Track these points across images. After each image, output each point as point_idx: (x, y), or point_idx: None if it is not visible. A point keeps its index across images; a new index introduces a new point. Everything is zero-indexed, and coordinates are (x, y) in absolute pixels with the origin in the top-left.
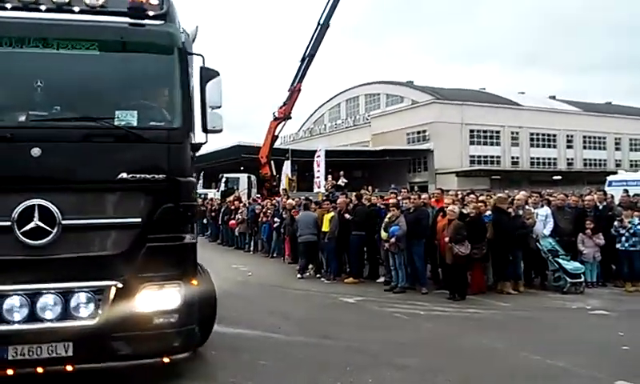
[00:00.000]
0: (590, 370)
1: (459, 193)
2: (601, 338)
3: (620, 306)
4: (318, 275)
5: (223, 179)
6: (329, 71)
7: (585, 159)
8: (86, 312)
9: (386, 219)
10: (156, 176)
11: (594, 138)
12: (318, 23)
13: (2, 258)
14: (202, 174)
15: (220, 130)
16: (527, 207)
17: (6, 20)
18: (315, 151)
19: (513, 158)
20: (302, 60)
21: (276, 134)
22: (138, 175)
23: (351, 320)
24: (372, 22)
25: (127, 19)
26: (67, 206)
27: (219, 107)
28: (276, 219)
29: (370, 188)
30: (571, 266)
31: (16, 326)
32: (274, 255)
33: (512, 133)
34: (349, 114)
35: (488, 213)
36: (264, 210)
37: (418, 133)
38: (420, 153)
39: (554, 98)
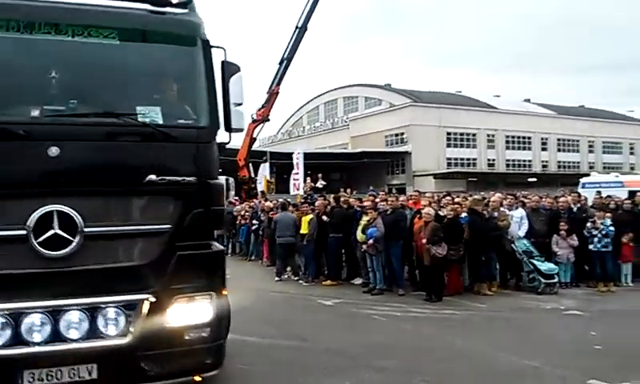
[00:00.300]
0: (564, 370)
1: (435, 195)
2: (574, 338)
3: (592, 306)
4: (296, 278)
5: None
6: (307, 74)
7: (559, 161)
8: (115, 329)
9: (363, 221)
10: (186, 179)
11: (568, 140)
12: (297, 26)
13: (17, 272)
14: None
15: (242, 130)
16: (502, 209)
17: (14, 1)
18: (294, 153)
19: (489, 160)
20: (281, 63)
21: (254, 136)
22: (167, 178)
23: (330, 322)
24: (350, 26)
25: (148, 6)
26: (89, 212)
27: (241, 104)
28: (254, 221)
29: (348, 190)
30: (545, 266)
31: (35, 349)
32: (252, 258)
33: (488, 135)
34: (327, 116)
35: (464, 214)
36: (242, 212)
37: (396, 135)
38: (398, 155)
39: (528, 101)
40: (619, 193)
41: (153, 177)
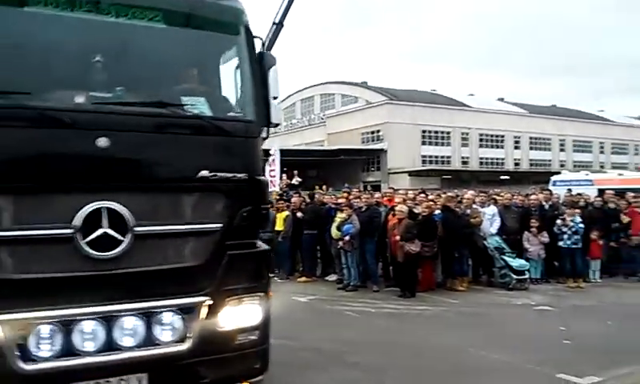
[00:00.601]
0: (534, 365)
1: (409, 192)
2: (544, 333)
3: (562, 301)
4: (271, 274)
5: None
6: (285, 71)
7: (531, 160)
8: (171, 335)
9: (339, 218)
10: (237, 175)
11: (540, 139)
12: (274, 22)
13: (66, 275)
14: None
15: (278, 124)
16: (475, 206)
17: None
18: (270, 150)
19: (463, 158)
20: None
21: None
22: (219, 173)
23: (304, 319)
24: (327, 22)
25: None
26: (139, 210)
27: (276, 98)
28: None
29: (324, 187)
30: (517, 263)
31: (88, 359)
32: None
33: (462, 134)
34: (304, 113)
35: (438, 211)
36: None
37: (372, 133)
38: (374, 152)
39: (502, 100)
40: (589, 191)
41: (205, 172)
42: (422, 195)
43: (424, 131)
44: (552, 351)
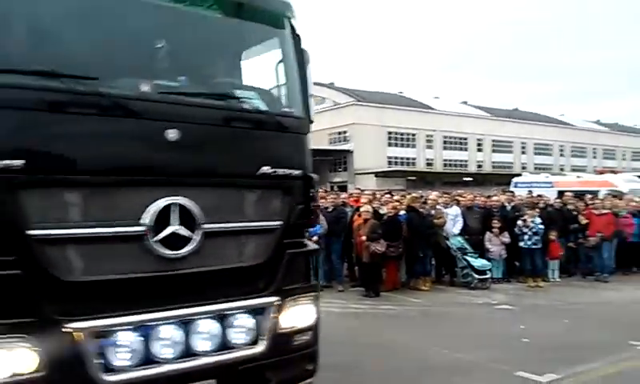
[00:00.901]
0: (494, 363)
1: (376, 193)
2: (504, 332)
3: (522, 300)
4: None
5: None
6: None
7: (493, 162)
8: (244, 338)
9: None
10: (294, 172)
11: (502, 142)
12: None
13: (139, 276)
14: None
15: (312, 122)
16: (438, 207)
17: None
18: None
19: (427, 159)
20: None
21: None
22: (279, 170)
23: None
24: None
25: None
26: (206, 206)
27: (311, 95)
28: None
29: None
30: (478, 263)
31: (166, 368)
32: None
33: (427, 136)
34: None
35: (403, 212)
36: None
37: (339, 133)
38: (341, 153)
39: (465, 103)
40: (549, 192)
41: (266, 168)
42: (388, 196)
43: (390, 133)
44: (512, 349)
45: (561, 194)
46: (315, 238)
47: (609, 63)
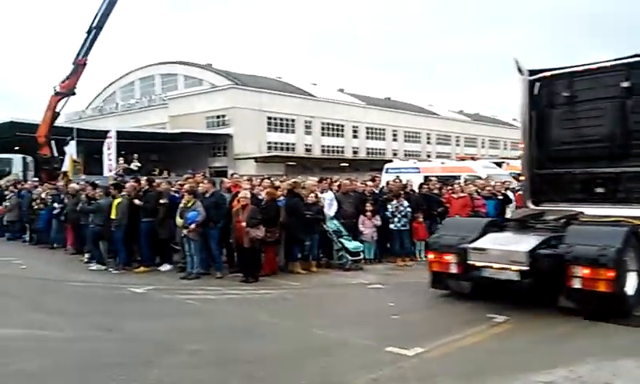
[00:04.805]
0: (366, 340)
1: (253, 178)
2: (376, 309)
3: (392, 279)
4: (103, 267)
5: None
6: (121, 46)
7: (368, 148)
8: None
9: (181, 205)
10: None
11: (376, 129)
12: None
13: None
14: None
15: None
16: (316, 192)
17: None
18: (105, 131)
19: (306, 145)
20: (89, 31)
21: (57, 110)
22: None
23: (138, 310)
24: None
25: None
26: None
27: None
28: (56, 205)
29: (165, 172)
30: (352, 245)
31: None
32: (54, 246)
33: (306, 122)
34: (143, 93)
35: (282, 197)
36: (42, 194)
37: (218, 117)
38: (220, 137)
39: (342, 90)
40: (416, 177)
41: None
42: (267, 181)
43: (269, 118)
44: (382, 326)
45: (427, 178)
46: (193, 225)
47: (472, 56)
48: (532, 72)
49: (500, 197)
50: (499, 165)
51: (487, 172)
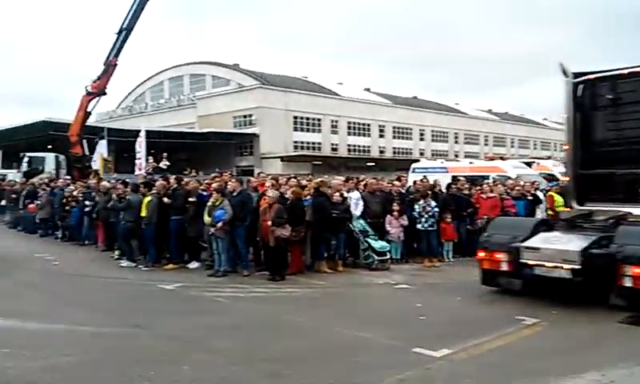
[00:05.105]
0: (393, 340)
1: (279, 177)
2: (402, 310)
3: (419, 280)
4: (134, 264)
5: (25, 159)
6: (150, 48)
7: (394, 148)
8: None
9: (209, 203)
10: None
11: (402, 128)
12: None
13: None
14: None
15: None
16: (342, 191)
17: None
18: (135, 131)
19: (332, 144)
20: (119, 32)
21: (89, 110)
22: None
23: (169, 307)
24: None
25: None
26: None
27: None
28: (87, 203)
29: (193, 171)
30: (379, 244)
31: None
32: (86, 242)
33: (332, 121)
34: (172, 93)
35: (308, 197)
36: (74, 192)
37: (245, 117)
38: (246, 137)
39: (368, 90)
40: (444, 177)
41: None
42: (294, 180)
43: (296, 117)
44: (409, 327)
45: (454, 178)
46: (220, 224)
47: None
48: (576, 75)
49: (530, 197)
50: (529, 165)
51: (517, 172)
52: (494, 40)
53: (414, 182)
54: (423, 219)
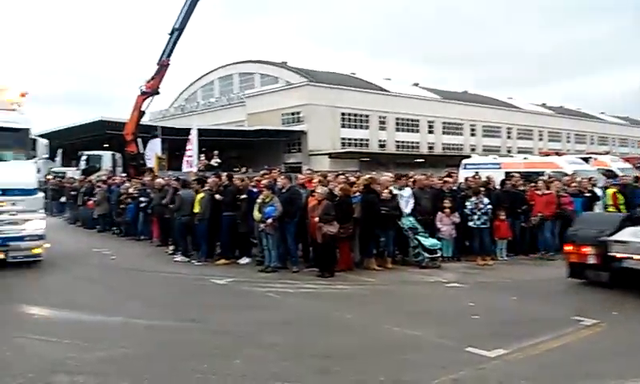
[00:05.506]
0: (444, 339)
1: (328, 174)
2: (454, 309)
3: (471, 278)
4: (187, 259)
5: (83, 157)
6: (201, 47)
7: (444, 143)
8: None
9: (259, 200)
10: None
11: (452, 124)
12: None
13: None
14: (60, 152)
15: None
16: (390, 188)
17: None
18: (187, 129)
19: (380, 141)
20: (171, 33)
21: (143, 109)
22: None
23: (221, 302)
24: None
25: None
26: None
27: None
28: (142, 199)
29: (243, 168)
30: (429, 242)
31: None
32: (141, 238)
33: (380, 117)
34: (223, 92)
35: (357, 193)
36: (130, 189)
37: (293, 114)
38: (294, 134)
39: (417, 85)
40: (497, 174)
41: None
42: (342, 177)
43: (343, 114)
44: (461, 326)
45: (508, 175)
46: (270, 220)
47: (556, 48)
48: None
49: (587, 194)
50: (586, 160)
51: (573, 168)
52: (546, 32)
53: (466, 179)
54: (476, 216)
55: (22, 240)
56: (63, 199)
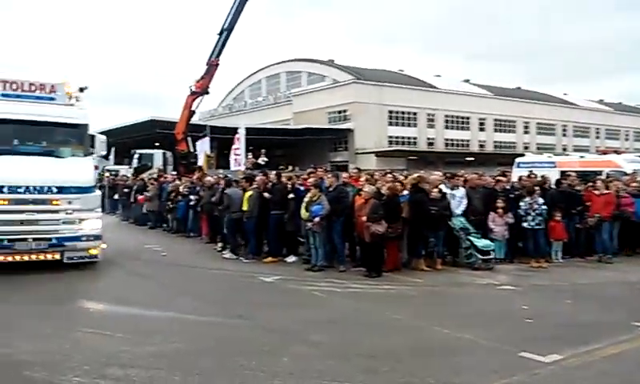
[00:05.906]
0: (497, 343)
1: (375, 173)
2: (507, 312)
3: (525, 281)
4: (235, 256)
5: (136, 155)
6: (249, 47)
7: (495, 141)
8: None
9: (307, 198)
10: None
11: (505, 121)
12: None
13: None
14: (112, 150)
15: None
16: (440, 187)
17: None
18: (235, 128)
19: (428, 139)
20: (220, 33)
21: (193, 109)
22: None
23: (268, 299)
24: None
25: None
26: None
27: None
28: (192, 197)
29: (290, 167)
30: (482, 243)
31: None
32: (191, 235)
33: (428, 115)
34: (270, 91)
35: (405, 192)
36: (180, 187)
37: (339, 112)
38: (341, 132)
39: (467, 81)
40: (551, 173)
41: None
42: (390, 176)
43: (391, 112)
44: (515, 329)
45: (563, 174)
46: (317, 219)
47: (611, 41)
48: None
49: None
50: None
51: (633, 167)
52: (602, 24)
53: (519, 178)
54: (530, 217)
55: (78, 240)
56: (116, 196)
